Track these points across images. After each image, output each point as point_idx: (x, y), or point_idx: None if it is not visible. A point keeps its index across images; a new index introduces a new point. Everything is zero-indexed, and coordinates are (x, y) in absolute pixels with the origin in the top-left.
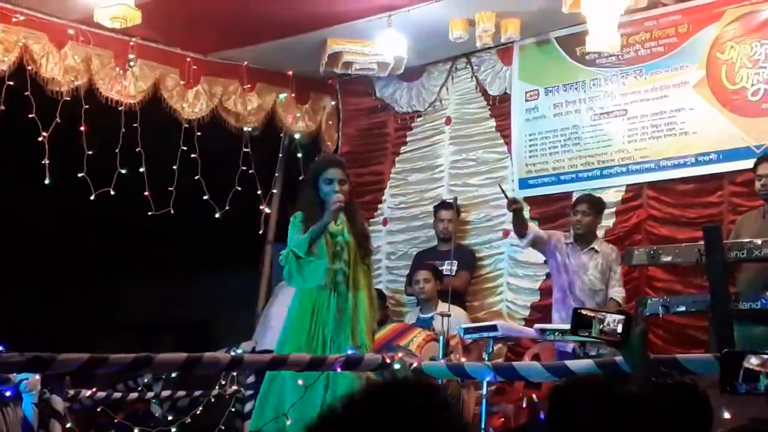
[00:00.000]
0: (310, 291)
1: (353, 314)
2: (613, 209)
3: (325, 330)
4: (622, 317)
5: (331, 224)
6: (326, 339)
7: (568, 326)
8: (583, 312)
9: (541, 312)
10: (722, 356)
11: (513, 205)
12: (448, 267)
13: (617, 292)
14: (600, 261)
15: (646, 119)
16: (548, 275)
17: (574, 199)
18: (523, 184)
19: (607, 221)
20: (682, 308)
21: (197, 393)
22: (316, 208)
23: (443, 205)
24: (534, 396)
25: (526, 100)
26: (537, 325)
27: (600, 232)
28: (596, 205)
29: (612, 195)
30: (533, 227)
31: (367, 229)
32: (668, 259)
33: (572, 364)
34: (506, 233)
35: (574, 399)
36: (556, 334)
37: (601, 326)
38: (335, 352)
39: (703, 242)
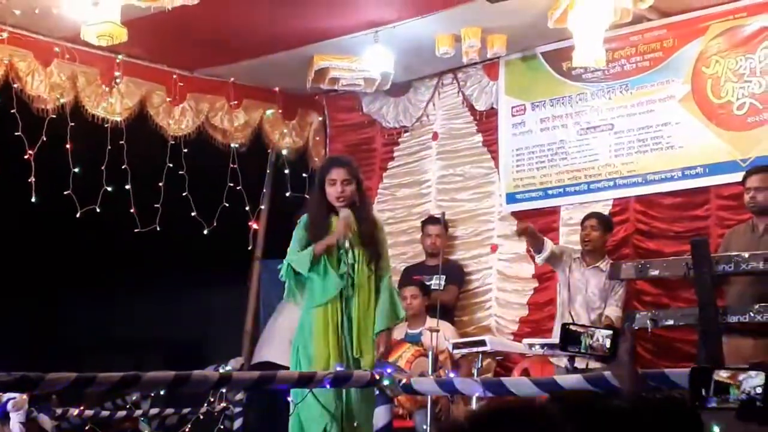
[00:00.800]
0: (325, 307)
1: (357, 322)
2: None
3: (342, 338)
4: (609, 332)
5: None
6: (345, 349)
7: (556, 341)
8: (572, 327)
9: (529, 326)
10: (691, 371)
11: (522, 232)
12: (437, 282)
13: (613, 311)
14: (603, 280)
15: (633, 133)
16: (536, 290)
17: (582, 216)
18: (511, 198)
19: None
20: (671, 322)
21: (186, 410)
22: (323, 211)
23: (430, 220)
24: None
25: (513, 115)
26: (526, 340)
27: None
28: (605, 222)
29: (599, 209)
30: (548, 243)
31: (378, 231)
32: (656, 272)
33: (561, 379)
34: (494, 248)
35: (562, 416)
36: (545, 348)
37: (590, 341)
38: (353, 363)
39: (690, 256)
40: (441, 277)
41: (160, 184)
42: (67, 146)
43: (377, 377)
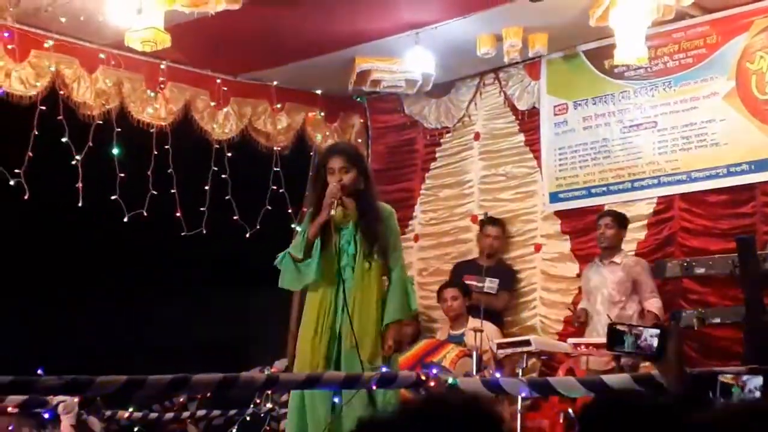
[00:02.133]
0: (319, 293)
1: (355, 315)
2: (645, 222)
3: (335, 331)
4: (657, 331)
5: (338, 216)
6: (338, 341)
7: (602, 340)
8: (618, 327)
9: (574, 326)
10: (698, 374)
11: (578, 319)
12: (489, 285)
13: (653, 304)
14: (620, 274)
15: (676, 131)
16: (580, 289)
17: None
18: (554, 198)
19: (639, 233)
20: (717, 320)
21: (232, 412)
22: (323, 201)
23: (490, 220)
24: (569, 410)
25: (555, 114)
26: (571, 340)
27: (632, 245)
28: (619, 219)
29: (643, 207)
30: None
31: (385, 222)
32: (701, 270)
33: (608, 378)
34: (538, 247)
35: (606, 417)
36: (590, 348)
37: (638, 341)
38: (345, 356)
39: (736, 253)
40: (493, 281)
41: (206, 187)
42: (114, 151)
43: (423, 377)
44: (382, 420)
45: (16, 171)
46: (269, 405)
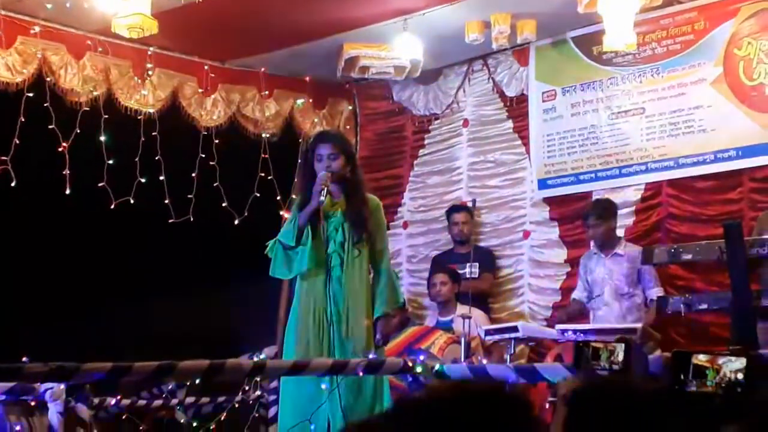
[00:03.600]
0: (308, 281)
1: (345, 303)
2: (633, 208)
3: (325, 319)
4: (623, 345)
5: (326, 204)
6: (329, 328)
7: (589, 326)
8: (593, 344)
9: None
10: (672, 355)
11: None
12: (470, 270)
13: (658, 292)
14: (626, 264)
15: (664, 117)
16: (569, 275)
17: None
18: (542, 184)
19: (627, 220)
20: (704, 306)
21: (221, 399)
22: (311, 188)
23: (455, 208)
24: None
25: (544, 101)
26: (558, 326)
27: (620, 231)
28: (605, 212)
29: (631, 194)
30: (575, 306)
31: (372, 210)
32: (689, 257)
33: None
34: (526, 234)
35: (594, 403)
36: (578, 334)
37: (611, 356)
38: (338, 344)
39: (723, 239)
40: (474, 265)
41: (193, 174)
42: (101, 138)
43: (410, 364)
44: (411, 404)
45: (3, 158)
46: (258, 392)
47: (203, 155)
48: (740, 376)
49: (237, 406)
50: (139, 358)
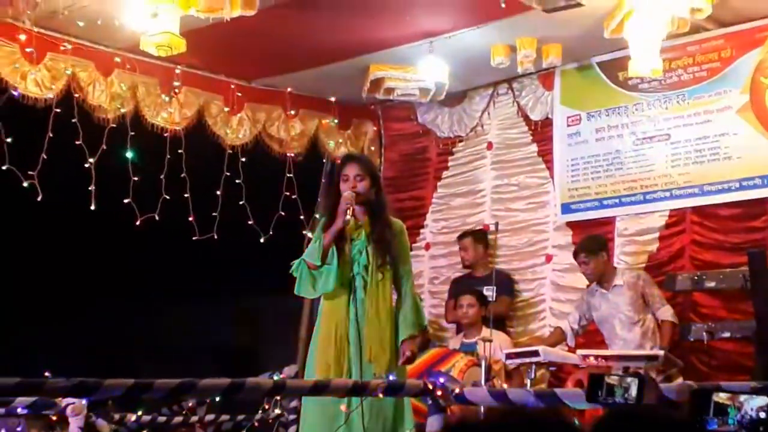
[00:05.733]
0: (332, 302)
1: (367, 326)
2: (657, 234)
3: (346, 341)
4: (636, 379)
5: (350, 226)
6: (349, 351)
7: (611, 352)
8: (608, 379)
9: (584, 337)
10: (692, 393)
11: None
12: (489, 293)
13: (666, 312)
14: (629, 293)
15: (690, 144)
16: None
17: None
18: (566, 209)
19: (651, 246)
20: (727, 334)
21: (241, 417)
22: (337, 208)
23: (461, 235)
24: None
25: (568, 125)
26: (580, 351)
27: (643, 257)
28: (592, 247)
29: (655, 220)
30: (566, 329)
31: (395, 234)
32: (712, 284)
33: None
34: (549, 258)
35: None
36: (599, 359)
37: (626, 392)
38: (360, 367)
39: (747, 267)
40: (490, 288)
41: (218, 192)
42: (127, 155)
43: (430, 386)
44: (466, 426)
45: (30, 173)
46: (278, 410)
47: (228, 173)
48: (762, 414)
49: (257, 424)
50: (160, 373)
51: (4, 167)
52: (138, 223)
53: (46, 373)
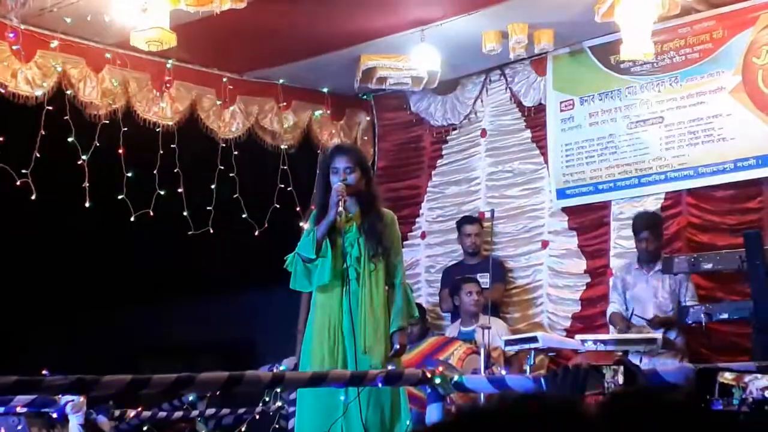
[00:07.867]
0: (325, 294)
1: (361, 317)
2: None
3: (340, 333)
4: (621, 368)
5: (342, 217)
6: (344, 343)
7: (610, 336)
8: (601, 367)
9: (582, 322)
10: (697, 373)
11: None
12: (483, 281)
13: (695, 314)
14: (669, 281)
15: (683, 126)
16: (588, 285)
17: (632, 223)
18: (561, 194)
19: None
20: (725, 315)
21: (241, 410)
22: (328, 200)
23: (466, 219)
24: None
25: (561, 110)
26: (578, 336)
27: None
28: (658, 228)
29: (651, 203)
30: (621, 322)
31: (387, 224)
32: (709, 266)
33: None
34: (545, 244)
35: (629, 411)
36: (598, 344)
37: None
38: (355, 358)
39: (744, 248)
40: (484, 275)
41: (212, 186)
42: (120, 151)
43: (429, 375)
44: (479, 413)
45: (23, 171)
46: (278, 403)
47: (222, 167)
48: (767, 393)
49: (257, 417)
50: (159, 368)
51: None
52: (132, 218)
53: (44, 371)
